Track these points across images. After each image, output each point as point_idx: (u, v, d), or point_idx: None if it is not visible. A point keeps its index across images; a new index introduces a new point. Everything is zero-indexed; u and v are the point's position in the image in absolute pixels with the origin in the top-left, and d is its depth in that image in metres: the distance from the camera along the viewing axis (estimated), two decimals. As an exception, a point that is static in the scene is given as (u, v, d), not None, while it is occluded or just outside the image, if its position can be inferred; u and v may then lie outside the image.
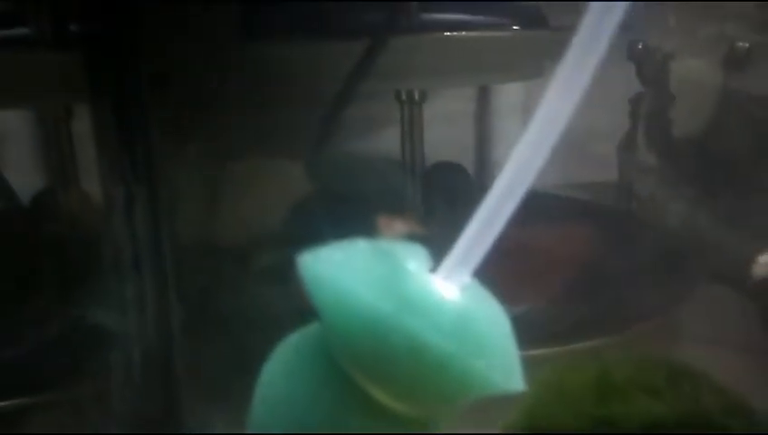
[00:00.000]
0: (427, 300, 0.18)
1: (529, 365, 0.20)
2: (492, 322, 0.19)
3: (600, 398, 0.25)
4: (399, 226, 0.39)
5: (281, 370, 0.20)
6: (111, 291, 0.29)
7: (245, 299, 0.37)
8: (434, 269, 0.19)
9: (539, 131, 0.19)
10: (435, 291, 0.18)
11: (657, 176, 0.58)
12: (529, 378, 0.20)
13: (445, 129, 0.63)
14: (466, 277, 0.19)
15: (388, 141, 0.52)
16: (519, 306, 0.55)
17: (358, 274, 0.19)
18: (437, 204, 0.52)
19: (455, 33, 0.47)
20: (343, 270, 0.19)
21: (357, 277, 0.18)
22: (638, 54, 0.57)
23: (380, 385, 0.18)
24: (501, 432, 0.27)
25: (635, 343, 0.45)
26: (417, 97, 0.49)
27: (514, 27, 0.52)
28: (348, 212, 0.41)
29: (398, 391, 0.18)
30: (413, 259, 0.20)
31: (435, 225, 0.49)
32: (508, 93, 0.70)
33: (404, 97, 0.49)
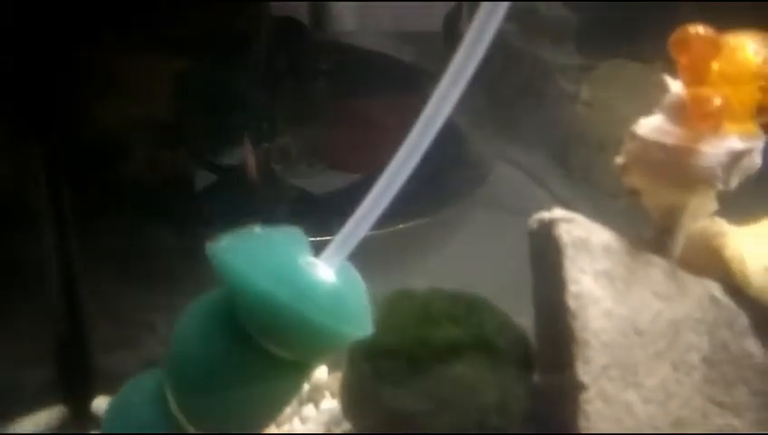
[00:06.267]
0: (310, 286, 0.26)
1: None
2: (354, 291, 0.27)
3: (420, 323, 0.35)
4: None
5: (195, 327, 0.28)
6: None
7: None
8: (316, 255, 0.27)
9: (420, 133, 0.25)
10: (316, 277, 0.26)
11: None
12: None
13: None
14: (340, 261, 0.27)
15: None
16: (354, 175, 0.59)
17: (256, 263, 0.26)
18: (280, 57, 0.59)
19: None
20: (245, 260, 0.26)
21: (256, 267, 0.26)
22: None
23: (274, 343, 0.26)
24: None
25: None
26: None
27: None
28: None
29: (287, 346, 0.26)
30: (298, 247, 0.27)
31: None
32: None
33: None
